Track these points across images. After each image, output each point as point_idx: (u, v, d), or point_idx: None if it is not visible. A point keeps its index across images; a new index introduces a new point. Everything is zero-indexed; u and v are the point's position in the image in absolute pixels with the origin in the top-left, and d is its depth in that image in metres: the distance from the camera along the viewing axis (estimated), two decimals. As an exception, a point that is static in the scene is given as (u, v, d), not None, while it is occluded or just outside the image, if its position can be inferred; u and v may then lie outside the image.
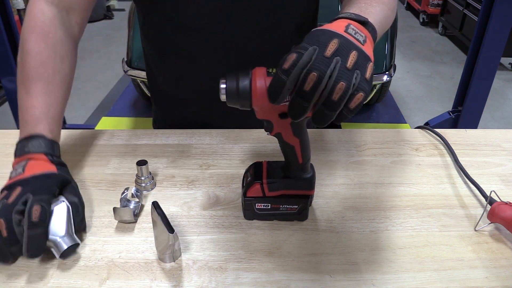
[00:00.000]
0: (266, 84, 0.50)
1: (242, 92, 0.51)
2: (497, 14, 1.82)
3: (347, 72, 0.44)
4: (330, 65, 0.44)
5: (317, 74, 0.43)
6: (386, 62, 2.31)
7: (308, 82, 0.43)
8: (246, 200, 0.61)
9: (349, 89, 0.44)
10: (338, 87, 0.43)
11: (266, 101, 0.51)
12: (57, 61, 0.67)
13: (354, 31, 0.48)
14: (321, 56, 0.44)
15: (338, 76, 0.43)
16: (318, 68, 0.43)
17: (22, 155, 0.61)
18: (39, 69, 0.65)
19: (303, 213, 0.62)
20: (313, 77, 0.43)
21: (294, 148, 0.56)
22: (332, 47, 0.44)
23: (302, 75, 0.44)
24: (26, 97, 0.65)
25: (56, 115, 0.66)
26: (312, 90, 0.44)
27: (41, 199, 0.55)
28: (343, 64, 0.44)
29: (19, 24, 3.11)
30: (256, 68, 0.52)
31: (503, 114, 3.07)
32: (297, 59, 0.44)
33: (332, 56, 0.44)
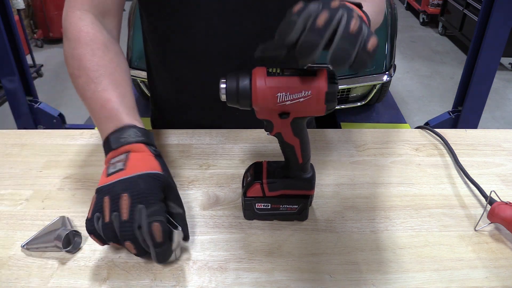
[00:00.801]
0: (266, 83, 0.50)
1: (242, 91, 0.51)
2: (497, 14, 1.82)
3: (354, 21, 0.45)
4: (338, 12, 0.45)
5: (329, 12, 0.44)
6: (386, 62, 2.30)
7: (320, 18, 0.44)
8: (246, 200, 0.61)
9: (361, 29, 0.44)
10: (352, 23, 0.44)
11: (266, 101, 0.51)
12: (112, 56, 0.65)
13: (350, 7, 0.49)
14: (328, 5, 0.45)
15: (349, 17, 0.45)
16: (328, 10, 0.44)
17: (119, 147, 0.55)
18: (100, 67, 0.62)
19: (303, 213, 0.62)
20: (326, 14, 0.44)
21: (294, 148, 0.56)
22: (335, 4, 0.46)
23: (314, 14, 0.44)
24: (96, 95, 0.60)
25: (132, 104, 0.62)
26: (325, 26, 0.44)
27: (156, 213, 0.50)
28: (349, 17, 0.45)
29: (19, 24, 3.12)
30: (257, 68, 0.52)
31: (503, 114, 3.07)
32: (306, 4, 0.45)
33: (337, 8, 0.45)
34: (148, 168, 0.53)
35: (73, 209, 0.65)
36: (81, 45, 0.64)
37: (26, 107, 2.24)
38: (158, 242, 0.50)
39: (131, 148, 0.55)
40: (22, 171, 0.73)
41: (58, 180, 0.71)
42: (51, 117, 2.30)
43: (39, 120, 2.32)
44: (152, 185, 0.52)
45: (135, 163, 0.53)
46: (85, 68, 0.62)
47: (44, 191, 0.69)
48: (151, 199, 0.51)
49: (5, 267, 0.55)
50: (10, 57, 2.07)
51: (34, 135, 0.83)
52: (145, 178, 0.52)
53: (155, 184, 0.52)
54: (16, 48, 2.11)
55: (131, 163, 0.53)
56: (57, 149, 0.79)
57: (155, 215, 0.50)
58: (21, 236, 0.60)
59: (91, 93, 0.61)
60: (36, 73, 3.50)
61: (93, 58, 0.62)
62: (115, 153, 0.55)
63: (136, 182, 0.51)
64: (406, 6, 5.54)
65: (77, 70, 0.63)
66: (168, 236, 0.51)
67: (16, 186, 0.70)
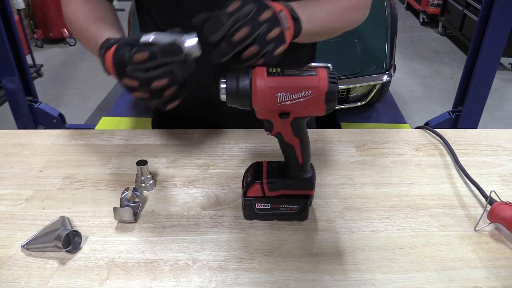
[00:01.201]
0: (266, 83, 0.50)
1: (242, 91, 0.51)
2: (497, 14, 1.82)
3: (265, 42, 0.51)
4: (259, 29, 0.51)
5: (248, 31, 0.50)
6: (386, 62, 2.30)
7: (239, 33, 0.50)
8: (246, 200, 0.61)
9: (256, 55, 0.51)
10: (251, 49, 0.51)
11: (266, 101, 0.51)
12: (93, 3, 0.73)
13: (284, 17, 0.56)
14: (256, 18, 0.51)
15: (260, 42, 0.51)
16: (250, 27, 0.50)
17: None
18: (84, 16, 0.71)
19: (303, 213, 0.62)
20: (246, 30, 0.50)
21: (294, 148, 0.56)
22: (265, 16, 0.52)
23: (236, 26, 0.50)
24: (88, 33, 0.68)
25: (108, 24, 0.69)
26: (239, 42, 0.50)
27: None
28: (266, 33, 0.52)
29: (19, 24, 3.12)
30: (256, 68, 0.52)
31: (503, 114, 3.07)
32: (240, 7, 0.51)
33: (263, 23, 0.51)
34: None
35: (73, 209, 0.65)
36: (68, 4, 0.75)
37: (26, 107, 2.24)
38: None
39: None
40: (22, 171, 0.73)
41: (58, 180, 0.71)
42: (51, 117, 2.30)
43: (39, 120, 2.31)
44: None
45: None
46: (71, 23, 0.74)
47: (44, 191, 0.69)
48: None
49: (5, 267, 0.55)
50: (10, 57, 2.07)
51: (34, 135, 0.83)
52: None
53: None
54: (16, 48, 2.11)
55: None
56: (57, 149, 0.79)
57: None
58: (21, 236, 0.60)
59: (83, 32, 0.71)
60: (36, 73, 3.50)
61: (76, 12, 0.73)
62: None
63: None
64: (406, 6, 5.54)
65: (69, 27, 0.75)
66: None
67: (16, 186, 0.70)
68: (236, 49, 0.50)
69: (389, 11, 2.34)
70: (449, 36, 4.59)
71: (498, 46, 1.90)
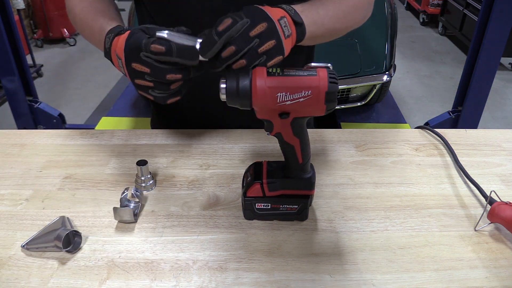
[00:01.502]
0: (266, 84, 0.50)
1: (242, 91, 0.51)
2: (497, 14, 1.82)
3: (256, 55, 0.53)
4: (249, 45, 0.52)
5: (235, 49, 0.52)
6: (386, 62, 2.30)
7: (227, 50, 0.52)
8: (246, 200, 0.61)
9: (249, 66, 0.53)
10: (240, 62, 0.52)
11: (266, 101, 0.51)
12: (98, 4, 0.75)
13: (285, 24, 0.56)
14: (247, 34, 0.52)
15: (250, 57, 0.52)
16: (239, 45, 0.52)
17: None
18: (90, 8, 0.73)
19: (303, 213, 0.62)
20: (232, 49, 0.52)
21: (294, 148, 0.56)
22: (258, 30, 0.53)
23: (226, 44, 0.52)
24: (93, 23, 0.70)
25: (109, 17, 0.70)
26: (227, 58, 0.52)
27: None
28: (258, 47, 0.53)
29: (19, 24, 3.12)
30: (257, 68, 0.52)
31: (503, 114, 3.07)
32: (231, 25, 0.51)
33: (254, 37, 0.53)
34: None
35: (73, 209, 0.65)
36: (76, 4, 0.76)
37: (26, 107, 2.24)
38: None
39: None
40: (22, 171, 0.73)
41: (58, 180, 0.71)
42: (51, 117, 2.30)
43: (39, 120, 2.31)
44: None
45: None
46: (75, 15, 0.75)
47: (44, 191, 0.69)
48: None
49: (5, 267, 0.55)
50: (10, 57, 2.07)
51: (34, 135, 0.83)
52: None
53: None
54: (16, 48, 2.11)
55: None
56: (57, 149, 0.79)
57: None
58: (21, 236, 0.60)
59: (88, 26, 0.72)
60: (36, 73, 3.50)
61: (81, 4, 0.75)
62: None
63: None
64: (406, 6, 5.54)
65: (73, 19, 0.76)
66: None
67: (16, 186, 0.70)
68: (225, 64, 0.53)
69: (389, 11, 2.34)
70: (449, 36, 4.59)
71: (498, 46, 1.90)
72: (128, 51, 0.56)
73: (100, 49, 0.71)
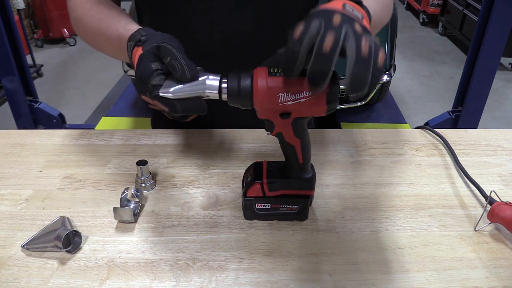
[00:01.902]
0: (267, 84, 0.50)
1: (244, 91, 0.51)
2: (497, 14, 1.82)
3: (360, 35, 0.43)
4: (342, 31, 0.43)
5: (334, 35, 0.42)
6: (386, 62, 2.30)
7: (326, 43, 0.42)
8: (246, 200, 0.61)
9: (372, 45, 0.43)
10: (363, 43, 0.43)
11: (267, 101, 0.51)
12: (107, 5, 0.72)
13: (352, 8, 0.49)
14: (330, 25, 0.44)
15: (357, 37, 0.43)
16: (332, 30, 0.43)
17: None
18: (101, 16, 0.69)
19: (303, 213, 0.62)
20: (331, 37, 0.42)
21: (294, 148, 0.56)
22: (337, 19, 0.44)
23: (318, 40, 0.43)
24: (108, 31, 0.66)
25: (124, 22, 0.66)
26: (332, 50, 0.42)
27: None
28: (352, 30, 0.44)
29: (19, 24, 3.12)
30: (258, 68, 0.51)
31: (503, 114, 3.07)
32: (306, 28, 0.43)
33: (340, 26, 0.44)
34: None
35: (73, 209, 0.65)
36: (78, 9, 0.73)
37: (26, 107, 2.24)
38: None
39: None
40: (22, 171, 0.73)
41: (58, 180, 0.71)
42: (51, 117, 2.30)
43: (39, 120, 2.32)
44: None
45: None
46: (85, 25, 0.71)
47: (44, 191, 0.69)
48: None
49: (5, 267, 0.55)
50: (10, 57, 2.07)
51: (34, 135, 0.83)
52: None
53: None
54: (16, 48, 2.11)
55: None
56: (57, 149, 0.80)
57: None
58: (21, 236, 0.60)
59: (101, 34, 0.69)
60: (36, 73, 3.50)
61: (90, 13, 0.71)
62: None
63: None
64: (406, 6, 5.54)
65: (82, 30, 0.73)
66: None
67: (16, 186, 0.70)
68: (333, 60, 0.43)
69: (389, 11, 2.34)
70: (449, 36, 4.59)
71: (498, 46, 1.90)
72: (137, 81, 0.53)
73: (118, 58, 0.70)
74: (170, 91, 0.51)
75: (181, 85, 0.51)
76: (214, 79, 0.52)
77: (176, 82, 0.51)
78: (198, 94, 0.52)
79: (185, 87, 0.51)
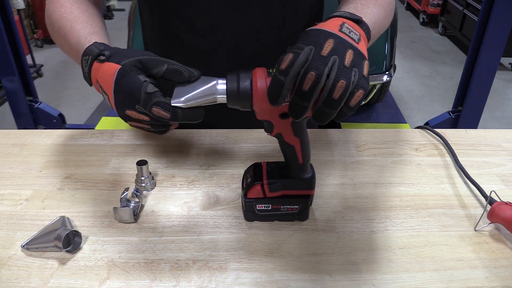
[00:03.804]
0: (267, 84, 0.50)
1: (243, 93, 0.50)
2: (497, 14, 1.82)
3: (345, 70, 0.44)
4: (327, 64, 0.44)
5: (315, 73, 0.43)
6: (386, 62, 2.30)
7: (306, 82, 0.43)
8: (247, 202, 0.61)
9: (349, 87, 0.44)
10: (338, 85, 0.43)
11: (266, 102, 0.51)
12: (82, 5, 0.69)
13: (349, 29, 0.48)
14: (318, 55, 0.44)
15: (338, 75, 0.44)
16: (316, 67, 0.43)
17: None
18: (69, 16, 0.66)
19: (304, 213, 0.62)
20: (311, 76, 0.43)
21: (294, 148, 0.56)
22: (328, 47, 0.45)
23: (300, 75, 0.44)
24: (70, 34, 0.64)
25: (104, 32, 0.65)
26: (311, 90, 0.44)
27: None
28: (341, 62, 0.44)
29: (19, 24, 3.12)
30: (257, 69, 0.51)
31: (503, 114, 3.07)
32: (294, 59, 0.44)
33: (329, 55, 0.44)
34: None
35: (73, 209, 0.65)
36: (52, 3, 0.70)
37: (26, 107, 2.24)
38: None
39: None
40: (22, 171, 0.73)
41: (58, 180, 0.71)
42: (51, 117, 2.30)
43: (39, 120, 2.32)
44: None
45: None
46: (53, 21, 0.68)
47: (44, 191, 0.69)
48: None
49: (5, 267, 0.55)
50: (10, 57, 2.07)
51: (34, 135, 0.83)
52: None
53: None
54: (16, 48, 2.11)
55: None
56: (57, 149, 0.79)
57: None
58: (21, 236, 0.60)
59: (64, 34, 0.65)
60: (36, 73, 3.50)
61: (61, 10, 0.68)
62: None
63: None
64: (406, 6, 5.54)
65: (53, 26, 0.69)
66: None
67: (16, 186, 0.70)
68: (312, 98, 0.44)
69: (389, 11, 2.34)
70: (449, 36, 4.59)
71: (498, 46, 1.90)
72: (120, 98, 0.51)
73: (77, 64, 0.64)
74: (182, 100, 0.50)
75: (191, 93, 0.50)
76: (223, 83, 0.52)
77: (186, 90, 0.51)
78: (210, 101, 0.51)
79: (197, 95, 0.50)
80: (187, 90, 0.52)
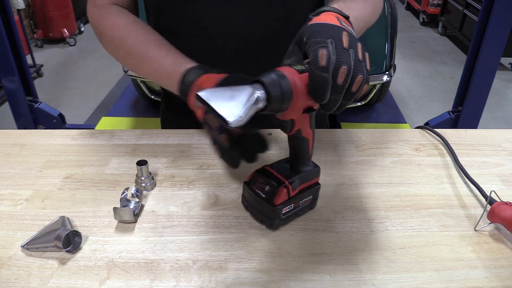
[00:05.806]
0: (302, 82, 0.48)
1: (286, 95, 0.48)
2: (497, 14, 1.82)
3: (360, 64, 0.47)
4: (351, 57, 0.46)
5: (347, 67, 0.46)
6: (386, 62, 2.30)
7: (340, 76, 0.46)
8: (277, 209, 0.58)
9: (363, 81, 0.47)
10: (357, 80, 0.46)
11: (302, 101, 0.49)
12: (141, 26, 0.76)
13: (345, 25, 0.50)
14: (342, 48, 0.46)
15: (356, 69, 0.46)
16: (345, 61, 0.46)
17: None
18: (139, 39, 0.73)
19: (315, 202, 0.64)
20: (344, 70, 0.46)
21: (308, 141, 0.57)
22: (346, 40, 0.47)
23: (332, 69, 0.46)
24: (149, 62, 0.71)
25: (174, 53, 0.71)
26: (344, 82, 0.46)
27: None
28: (356, 55, 0.47)
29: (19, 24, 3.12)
30: (284, 68, 0.49)
31: (503, 114, 3.07)
32: (329, 54, 0.46)
33: (349, 48, 0.47)
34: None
35: (73, 209, 0.65)
36: (119, 31, 0.76)
37: (26, 107, 2.24)
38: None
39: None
40: (22, 171, 0.73)
41: (58, 180, 0.71)
42: (51, 117, 2.31)
43: (39, 120, 2.32)
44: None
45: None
46: (130, 48, 0.74)
47: (44, 191, 0.69)
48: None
49: (5, 267, 0.55)
50: (10, 57, 2.07)
51: (34, 135, 0.83)
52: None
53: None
54: (16, 48, 2.11)
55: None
56: (57, 149, 0.80)
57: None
58: (21, 236, 0.60)
59: (143, 61, 0.73)
60: (36, 73, 3.50)
61: (137, 37, 0.74)
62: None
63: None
64: (406, 6, 5.54)
65: (123, 52, 0.76)
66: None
67: (16, 186, 0.70)
68: (343, 91, 0.47)
69: (389, 11, 2.34)
70: (449, 36, 4.59)
71: (498, 46, 1.90)
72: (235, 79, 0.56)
73: (162, 84, 0.74)
74: (241, 115, 0.45)
75: (241, 108, 0.45)
76: (259, 92, 0.47)
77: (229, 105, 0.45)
78: (255, 111, 0.47)
79: (247, 109, 0.45)
80: (231, 105, 0.46)
